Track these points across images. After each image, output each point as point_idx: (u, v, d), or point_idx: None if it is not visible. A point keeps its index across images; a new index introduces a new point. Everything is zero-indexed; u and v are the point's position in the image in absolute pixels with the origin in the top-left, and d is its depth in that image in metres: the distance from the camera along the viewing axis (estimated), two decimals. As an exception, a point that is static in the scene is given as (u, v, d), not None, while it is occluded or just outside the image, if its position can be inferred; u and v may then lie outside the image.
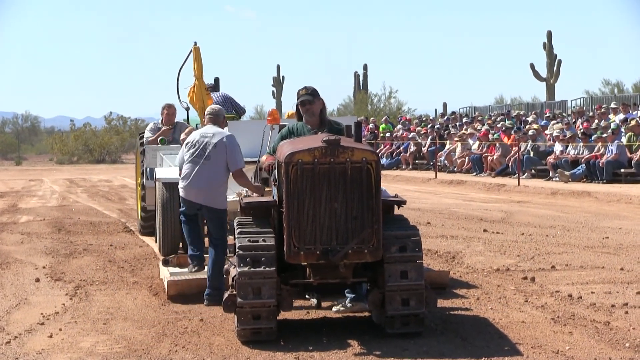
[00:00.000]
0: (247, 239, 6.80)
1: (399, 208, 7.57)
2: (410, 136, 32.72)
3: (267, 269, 6.69)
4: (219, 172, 8.60)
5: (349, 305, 7.84)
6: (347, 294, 7.82)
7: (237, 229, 6.95)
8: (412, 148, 31.89)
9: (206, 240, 9.48)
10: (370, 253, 6.68)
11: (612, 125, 22.81)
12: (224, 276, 7.89)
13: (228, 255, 8.93)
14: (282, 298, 6.85)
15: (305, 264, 6.82)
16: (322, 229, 6.64)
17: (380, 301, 6.87)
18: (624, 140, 22.05)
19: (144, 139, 13.13)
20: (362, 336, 6.94)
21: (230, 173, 8.67)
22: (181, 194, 8.87)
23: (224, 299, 6.89)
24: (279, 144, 7.61)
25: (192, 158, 8.65)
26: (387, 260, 6.78)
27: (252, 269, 6.68)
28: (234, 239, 7.01)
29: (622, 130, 22.61)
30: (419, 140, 32.16)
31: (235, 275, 6.77)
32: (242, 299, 6.70)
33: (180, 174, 8.85)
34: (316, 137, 7.14)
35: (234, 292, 6.77)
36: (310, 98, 7.78)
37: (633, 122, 22.11)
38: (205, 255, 9.34)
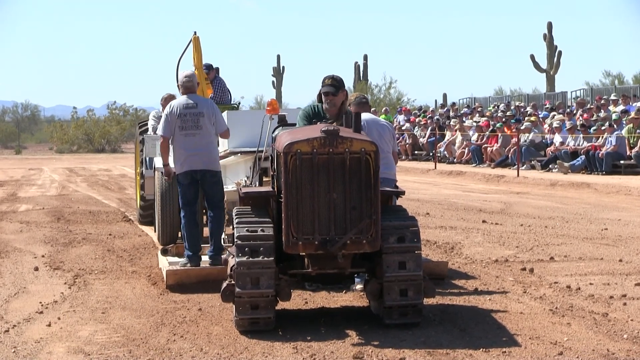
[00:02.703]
0: (246, 228, 6.79)
1: (397, 199, 7.57)
2: (404, 127, 32.67)
3: (265, 258, 6.68)
4: (212, 137, 9.24)
5: (358, 287, 7.96)
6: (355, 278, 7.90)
7: (236, 218, 6.95)
8: (408, 140, 31.88)
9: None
10: (368, 243, 6.67)
11: (614, 117, 22.78)
12: (223, 265, 7.94)
13: (227, 244, 8.97)
14: (280, 288, 6.85)
15: (304, 254, 6.81)
16: (321, 219, 6.63)
17: (379, 292, 6.88)
18: (624, 132, 22.02)
19: (149, 126, 13.12)
20: (361, 326, 6.95)
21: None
22: (182, 169, 9.11)
23: (222, 288, 6.88)
24: (304, 122, 7.69)
25: (185, 131, 9.11)
26: (386, 251, 6.78)
27: (250, 259, 6.68)
28: (233, 228, 7.00)
29: (623, 121, 22.59)
30: (414, 132, 32.15)
31: (233, 265, 6.76)
32: (240, 289, 6.70)
33: (162, 145, 9.26)
34: (315, 128, 7.12)
35: (232, 282, 6.76)
36: (333, 90, 7.76)
37: (633, 114, 22.08)
38: (204, 245, 9.42)
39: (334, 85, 7.75)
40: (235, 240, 6.78)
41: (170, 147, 9.21)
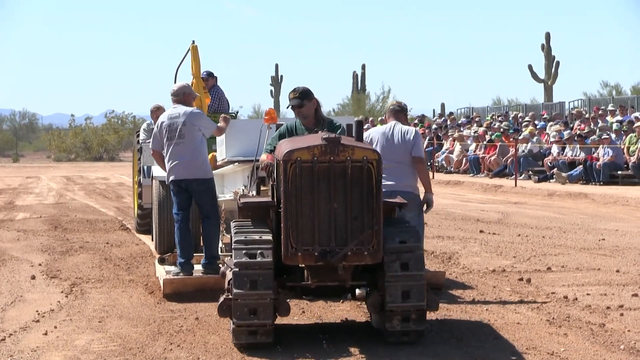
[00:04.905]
0: (244, 235, 6.69)
1: (400, 210, 7.47)
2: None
3: (263, 259, 6.50)
4: (196, 145, 9.16)
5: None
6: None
7: (234, 229, 6.83)
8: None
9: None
10: (370, 255, 6.48)
11: (615, 127, 22.78)
12: (221, 277, 7.88)
13: (224, 254, 8.95)
14: (279, 302, 6.60)
15: (303, 265, 6.64)
16: (321, 229, 6.44)
17: (380, 304, 6.69)
18: (626, 141, 22.01)
19: (140, 139, 13.13)
20: (357, 335, 6.94)
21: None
22: (170, 178, 9.20)
23: (219, 302, 6.73)
24: (277, 142, 7.57)
25: (169, 141, 9.20)
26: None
27: (248, 260, 6.48)
28: (230, 239, 6.93)
29: (622, 132, 22.59)
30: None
31: (231, 279, 6.62)
32: (238, 290, 6.46)
33: (154, 156, 9.49)
34: (316, 136, 6.92)
35: (230, 296, 6.56)
36: (298, 102, 7.76)
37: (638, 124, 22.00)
38: (197, 254, 9.41)
39: (296, 97, 7.78)
40: (233, 245, 6.64)
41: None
